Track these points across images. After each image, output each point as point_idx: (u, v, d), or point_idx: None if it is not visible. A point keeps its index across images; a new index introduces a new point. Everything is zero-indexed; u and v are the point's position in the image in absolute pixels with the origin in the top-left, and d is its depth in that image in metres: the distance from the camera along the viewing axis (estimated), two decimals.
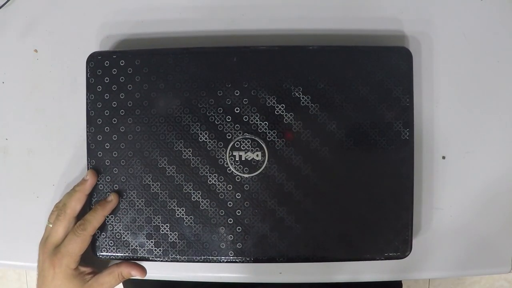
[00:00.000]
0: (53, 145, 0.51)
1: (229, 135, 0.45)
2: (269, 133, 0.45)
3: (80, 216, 0.46)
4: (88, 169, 0.46)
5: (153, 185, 0.45)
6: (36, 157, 0.51)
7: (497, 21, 0.49)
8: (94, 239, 0.46)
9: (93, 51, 0.46)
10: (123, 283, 0.73)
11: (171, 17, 0.50)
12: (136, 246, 0.46)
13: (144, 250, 0.46)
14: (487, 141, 0.49)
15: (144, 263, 0.51)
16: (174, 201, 0.45)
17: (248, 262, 0.45)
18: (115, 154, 0.46)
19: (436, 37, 0.49)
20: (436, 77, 0.49)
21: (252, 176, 0.45)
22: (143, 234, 0.46)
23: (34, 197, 0.52)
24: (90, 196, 0.46)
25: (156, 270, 0.51)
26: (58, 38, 0.51)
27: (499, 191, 0.50)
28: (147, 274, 0.50)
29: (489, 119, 0.49)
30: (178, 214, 0.45)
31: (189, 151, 0.45)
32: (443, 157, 0.49)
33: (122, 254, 0.46)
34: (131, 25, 0.50)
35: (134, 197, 0.45)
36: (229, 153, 0.45)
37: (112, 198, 0.45)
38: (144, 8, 0.50)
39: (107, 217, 0.46)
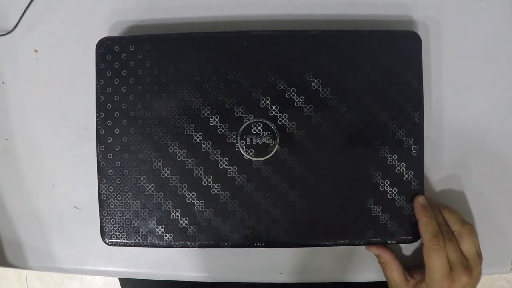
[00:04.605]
0: (53, 145, 0.51)
1: (240, 119, 0.45)
2: (280, 116, 0.44)
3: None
4: (97, 155, 0.45)
5: (163, 170, 0.45)
6: (36, 157, 0.51)
7: (497, 21, 0.49)
8: (102, 225, 0.46)
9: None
10: (123, 283, 0.72)
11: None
12: (146, 232, 0.45)
13: (154, 236, 0.45)
14: (487, 141, 0.49)
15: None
16: (184, 186, 0.45)
17: (259, 247, 0.45)
18: (125, 139, 0.45)
19: (435, 36, 0.49)
20: (435, 77, 0.49)
21: (263, 160, 0.44)
22: (153, 219, 0.45)
23: (34, 197, 0.51)
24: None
25: (156, 270, 0.51)
26: (58, 38, 0.51)
27: (499, 191, 0.50)
28: (147, 274, 0.50)
29: (489, 119, 0.49)
30: (189, 199, 0.45)
31: (200, 135, 0.45)
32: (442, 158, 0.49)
33: (132, 241, 0.45)
34: (132, 26, 0.50)
35: (144, 183, 0.45)
36: (240, 137, 0.44)
37: None
38: (145, 8, 0.50)
39: (114, 203, 0.45)
